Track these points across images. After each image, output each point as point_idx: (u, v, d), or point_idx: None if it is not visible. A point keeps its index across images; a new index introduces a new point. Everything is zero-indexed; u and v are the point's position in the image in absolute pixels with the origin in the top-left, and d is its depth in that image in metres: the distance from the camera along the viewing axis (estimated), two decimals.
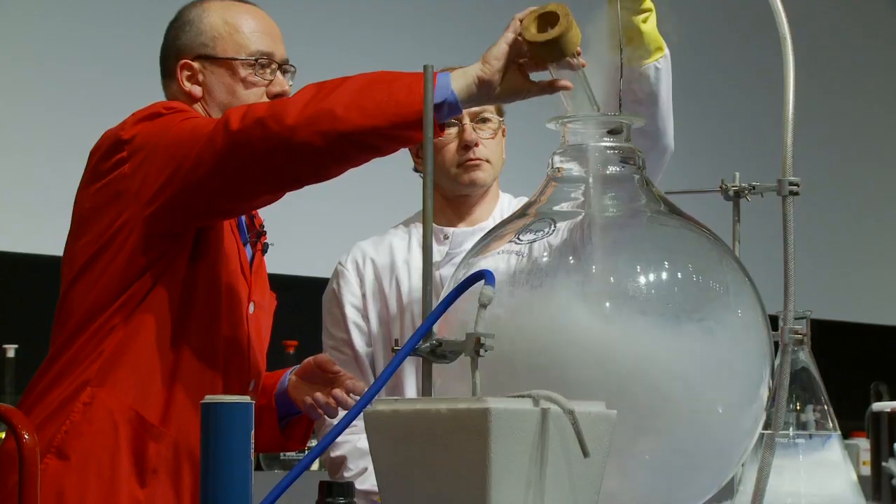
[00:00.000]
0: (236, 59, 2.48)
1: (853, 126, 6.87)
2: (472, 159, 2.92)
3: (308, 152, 2.18)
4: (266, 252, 2.58)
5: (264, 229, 2.58)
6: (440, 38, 5.37)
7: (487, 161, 2.93)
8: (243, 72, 2.47)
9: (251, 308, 2.49)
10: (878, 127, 7.01)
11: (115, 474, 2.30)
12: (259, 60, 2.47)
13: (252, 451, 1.76)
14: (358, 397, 2.40)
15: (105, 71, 4.41)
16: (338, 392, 2.48)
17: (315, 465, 3.83)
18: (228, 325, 2.42)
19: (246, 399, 1.77)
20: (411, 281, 2.97)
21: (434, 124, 1.82)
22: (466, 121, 2.93)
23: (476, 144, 2.90)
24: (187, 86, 2.49)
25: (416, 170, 3.10)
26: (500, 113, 3.00)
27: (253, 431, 1.77)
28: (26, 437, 1.36)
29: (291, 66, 2.53)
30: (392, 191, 3.59)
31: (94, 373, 2.33)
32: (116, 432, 2.31)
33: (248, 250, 2.53)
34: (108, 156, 2.36)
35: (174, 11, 2.58)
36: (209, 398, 1.76)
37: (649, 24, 2.37)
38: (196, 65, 2.49)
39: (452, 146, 2.93)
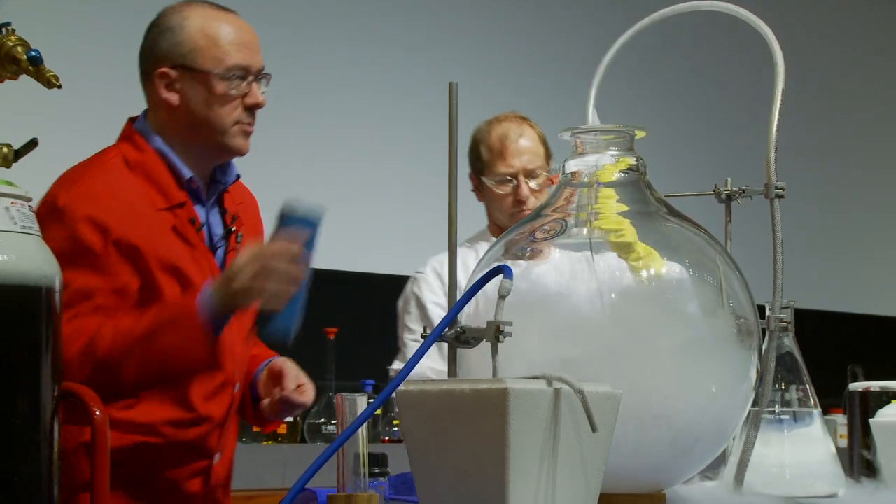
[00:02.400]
0: (213, 73, 2.32)
1: (834, 133, 6.86)
2: (523, 210, 3.08)
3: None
4: (240, 242, 2.43)
5: (234, 225, 2.44)
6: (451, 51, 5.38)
7: None
8: (219, 86, 2.31)
9: None
10: (856, 134, 7.00)
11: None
12: (236, 74, 2.32)
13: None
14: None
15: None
16: (276, 392, 2.38)
17: None
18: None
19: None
20: None
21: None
22: (521, 177, 3.05)
23: (527, 198, 3.05)
24: (164, 94, 2.35)
25: (473, 190, 3.25)
26: (548, 159, 3.12)
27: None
28: (97, 412, 1.36)
29: (267, 73, 2.37)
30: (432, 204, 3.59)
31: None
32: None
33: (221, 253, 2.40)
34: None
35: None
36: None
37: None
38: (174, 73, 2.34)
39: (509, 200, 3.09)
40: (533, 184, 3.11)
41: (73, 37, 4.45)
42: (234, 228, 2.42)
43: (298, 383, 2.38)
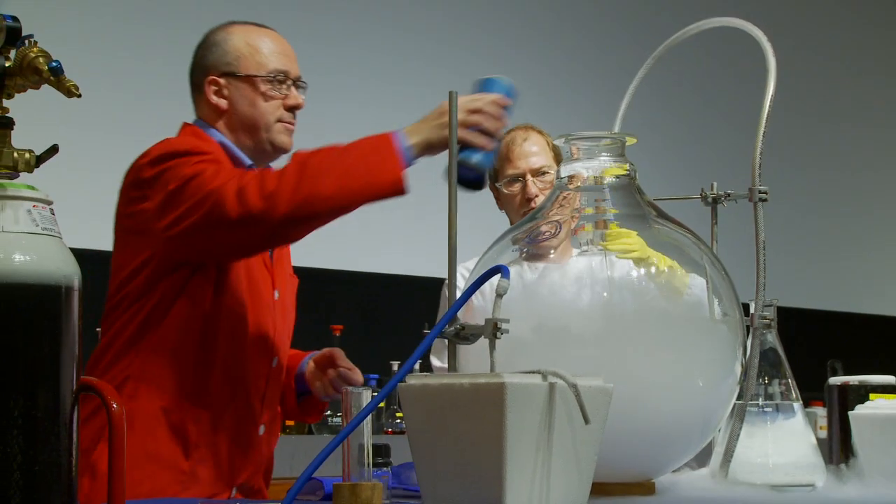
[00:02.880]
0: (257, 76, 2.45)
1: (817, 137, 6.87)
2: (531, 209, 2.99)
3: (297, 229, 2.17)
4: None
5: None
6: (452, 59, 5.38)
7: None
8: (263, 87, 2.45)
9: (276, 295, 2.46)
10: (839, 138, 7.00)
11: (160, 454, 2.28)
12: (276, 77, 2.45)
13: None
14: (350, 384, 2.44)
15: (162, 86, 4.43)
16: (331, 372, 2.47)
17: None
18: (255, 315, 2.38)
19: None
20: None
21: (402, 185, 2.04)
22: (528, 177, 3.03)
23: (535, 196, 3.01)
24: (214, 99, 2.47)
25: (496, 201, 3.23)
26: (558, 163, 3.08)
27: None
28: (115, 406, 1.35)
29: (304, 82, 2.50)
30: (428, 204, 3.59)
31: (136, 368, 2.30)
32: (159, 421, 2.28)
33: None
34: (133, 188, 2.33)
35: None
36: None
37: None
38: (222, 81, 2.46)
39: (518, 198, 3.06)
40: (541, 182, 3.08)
41: (92, 47, 4.45)
42: None
43: (349, 366, 2.48)
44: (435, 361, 3.29)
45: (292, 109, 2.47)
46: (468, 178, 2.03)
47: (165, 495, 2.25)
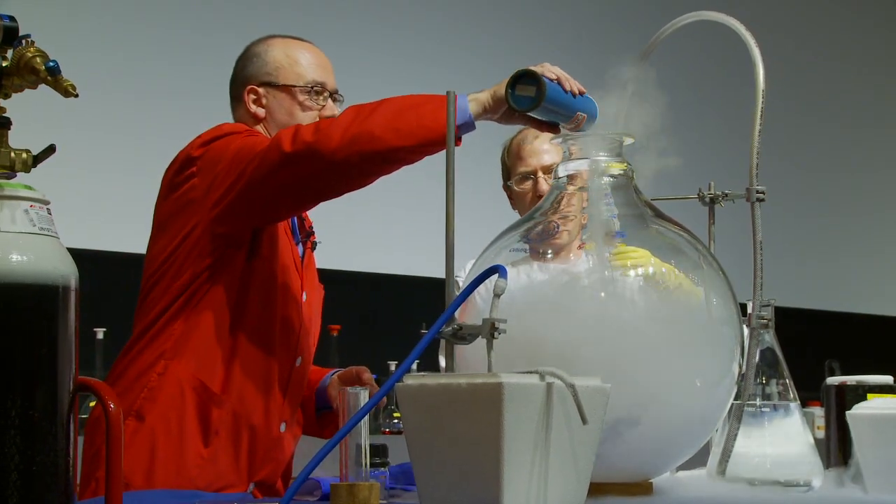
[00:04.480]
0: (295, 87, 2.51)
1: (814, 138, 6.87)
2: None
3: (348, 169, 2.16)
4: (315, 250, 2.58)
5: (313, 230, 2.58)
6: (462, 66, 5.38)
7: None
8: (301, 97, 2.50)
9: (304, 297, 2.48)
10: (837, 139, 7.00)
11: (182, 434, 2.31)
12: (314, 88, 2.51)
13: None
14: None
15: (183, 96, 4.43)
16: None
17: None
18: (283, 311, 2.41)
19: None
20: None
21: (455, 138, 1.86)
22: (540, 175, 3.00)
23: (545, 194, 2.98)
24: (253, 108, 2.52)
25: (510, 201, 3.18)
26: None
27: None
28: (111, 406, 1.35)
29: (340, 95, 2.55)
30: (425, 203, 3.60)
31: (167, 348, 2.33)
32: (184, 398, 2.32)
33: (300, 248, 2.53)
34: (180, 171, 2.37)
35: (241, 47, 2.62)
36: None
37: None
38: (261, 90, 2.52)
39: (529, 196, 3.02)
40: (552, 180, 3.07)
41: (90, 47, 4.45)
42: (313, 231, 2.58)
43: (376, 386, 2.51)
44: (443, 362, 3.29)
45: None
46: (526, 95, 2.04)
47: (182, 477, 2.29)
